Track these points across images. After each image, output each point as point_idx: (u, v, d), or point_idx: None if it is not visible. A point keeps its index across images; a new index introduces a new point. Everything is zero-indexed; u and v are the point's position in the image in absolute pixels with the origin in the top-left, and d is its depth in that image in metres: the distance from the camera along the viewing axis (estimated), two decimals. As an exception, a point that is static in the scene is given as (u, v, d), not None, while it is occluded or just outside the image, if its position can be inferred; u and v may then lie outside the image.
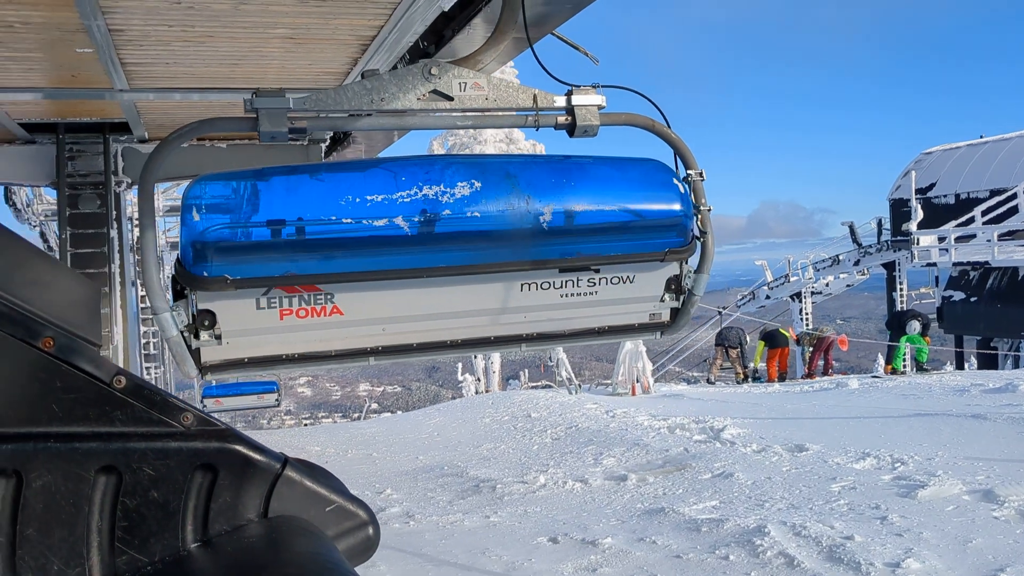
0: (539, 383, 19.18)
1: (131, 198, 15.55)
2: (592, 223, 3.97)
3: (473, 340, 4.36)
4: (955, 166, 31.99)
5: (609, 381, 17.21)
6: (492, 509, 8.23)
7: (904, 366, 18.29)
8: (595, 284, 4.22)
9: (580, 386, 16.58)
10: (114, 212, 12.14)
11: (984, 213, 26.80)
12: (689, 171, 4.10)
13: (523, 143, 27.77)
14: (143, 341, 22.36)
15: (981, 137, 32.85)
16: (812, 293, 36.87)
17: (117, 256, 12.01)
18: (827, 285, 36.87)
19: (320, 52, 8.72)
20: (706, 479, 8.59)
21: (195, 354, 3.93)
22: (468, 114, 4.18)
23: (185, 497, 1.60)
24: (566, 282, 4.17)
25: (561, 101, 4.11)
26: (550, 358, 17.03)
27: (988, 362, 25.97)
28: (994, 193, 27.43)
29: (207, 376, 4.22)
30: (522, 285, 4.16)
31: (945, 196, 31.39)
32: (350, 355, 4.27)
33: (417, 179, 4.01)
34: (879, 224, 35.09)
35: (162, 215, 23.51)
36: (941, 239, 26.89)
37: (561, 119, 4.12)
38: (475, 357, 23.81)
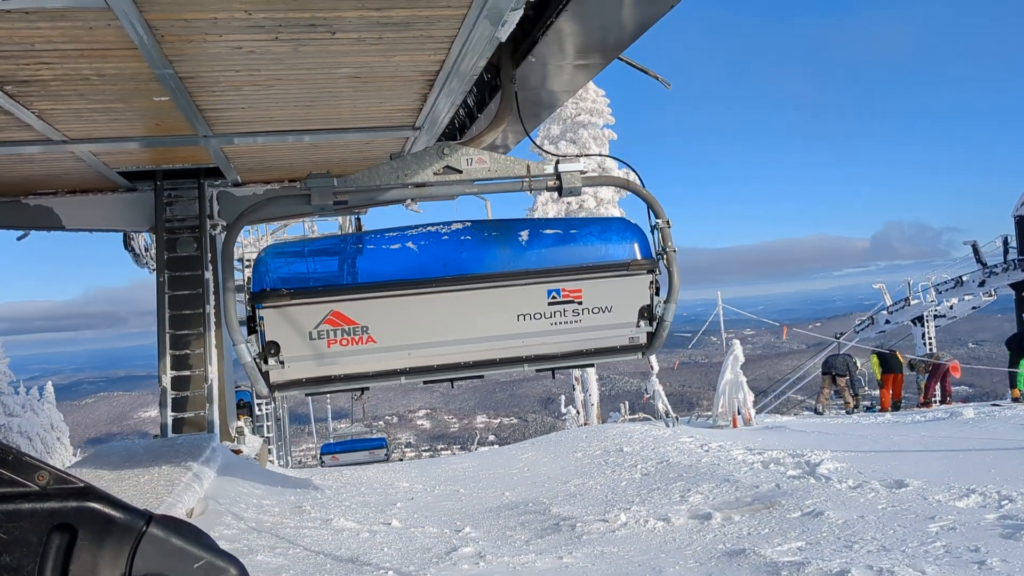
0: (637, 416, 18.78)
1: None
2: (569, 245, 5.16)
3: (481, 362, 5.32)
4: (1087, 178, 30.07)
5: (710, 413, 16.70)
6: (568, 549, 7.99)
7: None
8: (579, 314, 5.14)
9: (678, 418, 16.14)
10: (209, 254, 12.52)
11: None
12: (658, 219, 5.23)
13: (616, 172, 27.47)
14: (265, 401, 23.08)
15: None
16: (935, 316, 35.18)
17: (212, 297, 12.36)
18: (951, 308, 35.10)
19: (388, 90, 8.80)
20: (795, 518, 8.13)
21: (265, 376, 5.17)
22: (474, 183, 5.37)
23: (41, 560, 1.50)
24: (554, 312, 5.12)
25: (550, 169, 5.21)
26: (646, 390, 16.66)
27: None
28: None
29: (276, 394, 5.51)
30: (518, 316, 5.11)
31: (1077, 211, 29.53)
32: (384, 375, 5.34)
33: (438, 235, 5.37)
34: (1005, 242, 33.27)
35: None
36: (1072, 256, 25.23)
37: (551, 183, 5.18)
38: (574, 390, 23.65)
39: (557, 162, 5.16)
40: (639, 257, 5.16)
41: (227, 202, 13.02)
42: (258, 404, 22.89)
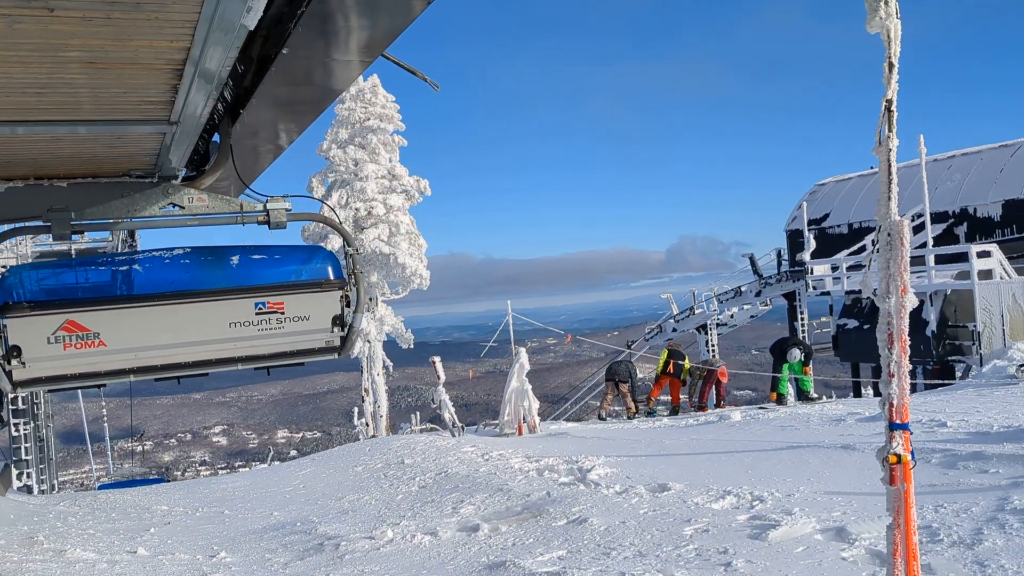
0: (425, 426, 18.50)
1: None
2: (272, 268, 6.18)
3: (200, 362, 6.13)
4: (847, 196, 32.65)
5: (497, 421, 16.65)
6: (327, 570, 7.56)
7: (797, 395, 18.19)
8: (282, 322, 6.12)
9: (463, 428, 15.98)
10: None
11: (875, 242, 27.18)
12: (349, 248, 6.47)
13: (406, 178, 27.23)
14: (10, 396, 21.11)
15: (871, 168, 33.57)
16: (718, 324, 37.15)
17: (-60, 305, 11.01)
18: (732, 316, 37.21)
19: (131, 79, 8.00)
20: (560, 526, 8.07)
21: (8, 375, 5.80)
22: (195, 217, 6.45)
23: None
24: (261, 321, 6.06)
25: (260, 207, 6.34)
26: (433, 399, 16.41)
27: (884, 389, 26.17)
28: (884, 222, 27.95)
29: (18, 390, 6.09)
30: (230, 323, 6.01)
31: (839, 226, 31.98)
32: (115, 374, 6.08)
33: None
34: (778, 255, 35.61)
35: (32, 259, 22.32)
36: (834, 268, 27.21)
37: (261, 218, 6.32)
38: (363, 401, 23.12)
39: (266, 201, 6.27)
40: (331, 277, 6.22)
41: (-41, 201, 11.67)
42: (15, 424, 20.93)
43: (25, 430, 21.08)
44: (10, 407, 21.42)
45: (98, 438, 47.04)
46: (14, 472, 21.05)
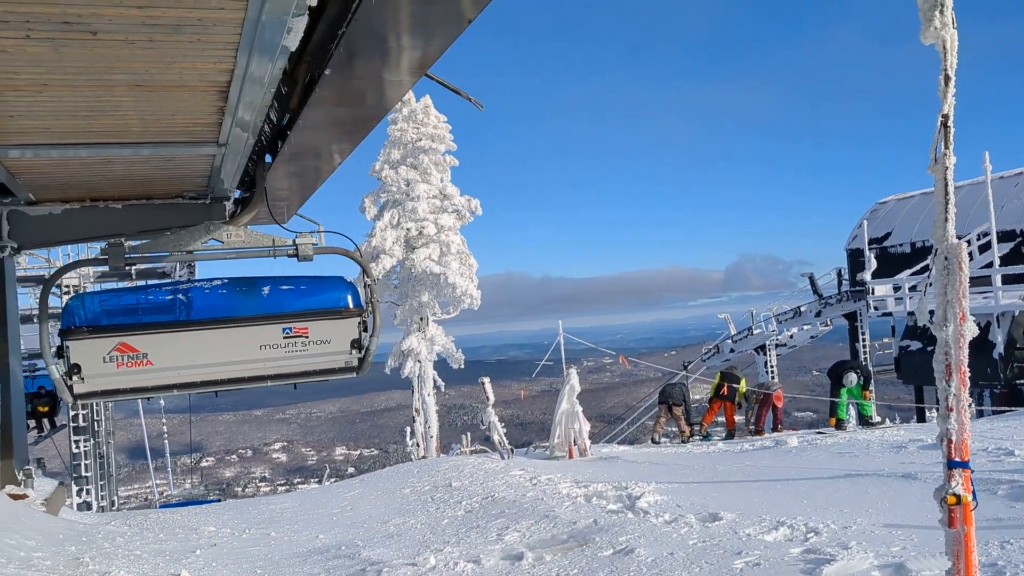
0: (475, 447, 18.37)
1: (21, 262, 14.91)
2: (298, 296, 6.96)
3: (235, 379, 6.95)
4: (910, 215, 31.82)
5: (547, 444, 16.44)
6: (367, 597, 7.43)
7: (859, 419, 17.66)
8: (307, 345, 6.90)
9: (513, 450, 15.80)
10: (-5, 279, 11.41)
11: (931, 266, 26.44)
12: (367, 279, 7.33)
13: (458, 198, 27.26)
14: (72, 413, 21.53)
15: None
16: (777, 345, 36.44)
17: (-3, 325, 11.24)
18: (791, 337, 36.47)
19: (178, 101, 8.05)
20: (606, 556, 7.83)
21: (70, 388, 6.76)
22: (232, 250, 7.36)
23: None
24: (288, 343, 6.90)
25: (290, 241, 7.22)
26: (482, 421, 16.26)
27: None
28: (948, 241, 27.17)
29: (79, 401, 7.12)
30: (261, 345, 6.87)
31: (901, 245, 31.17)
32: (162, 388, 6.97)
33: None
34: (839, 274, 34.82)
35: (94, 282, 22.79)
36: (896, 288, 26.50)
37: (290, 252, 7.19)
38: (414, 421, 23.12)
39: (296, 237, 7.15)
40: (351, 306, 6.99)
41: (20, 222, 11.80)
42: (75, 441, 21.30)
43: (86, 447, 21.45)
44: (71, 423, 21.86)
45: (160, 454, 47.82)
46: (74, 488, 21.45)
